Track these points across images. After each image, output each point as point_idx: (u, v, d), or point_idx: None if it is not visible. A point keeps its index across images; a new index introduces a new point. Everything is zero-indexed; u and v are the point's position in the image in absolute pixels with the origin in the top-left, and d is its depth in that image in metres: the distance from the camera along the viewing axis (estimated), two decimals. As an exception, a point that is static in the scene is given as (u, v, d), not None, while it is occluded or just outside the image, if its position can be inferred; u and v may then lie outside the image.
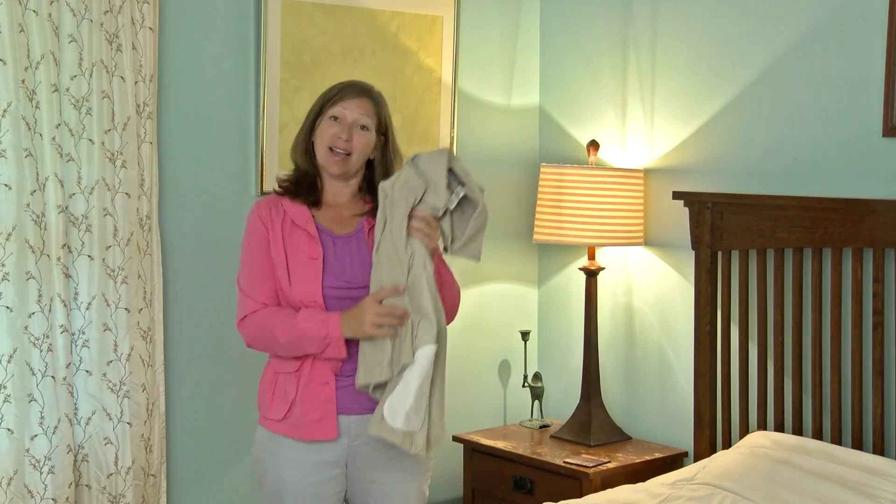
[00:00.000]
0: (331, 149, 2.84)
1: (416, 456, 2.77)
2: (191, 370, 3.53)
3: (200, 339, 3.55)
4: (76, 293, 3.20)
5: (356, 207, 2.93)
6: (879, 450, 3.26)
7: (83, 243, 3.20)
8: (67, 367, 3.16)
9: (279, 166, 3.63)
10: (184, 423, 3.52)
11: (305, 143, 2.90)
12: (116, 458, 3.26)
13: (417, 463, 2.89)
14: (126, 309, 3.26)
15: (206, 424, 3.59)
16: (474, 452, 3.98)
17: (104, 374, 3.24)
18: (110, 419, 3.25)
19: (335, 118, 2.84)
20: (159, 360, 3.38)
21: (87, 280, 3.21)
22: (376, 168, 2.93)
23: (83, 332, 3.21)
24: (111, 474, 3.26)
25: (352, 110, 2.84)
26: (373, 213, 2.87)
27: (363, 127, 2.85)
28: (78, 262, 3.20)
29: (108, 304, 3.24)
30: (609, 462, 3.69)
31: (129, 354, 3.27)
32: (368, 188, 2.94)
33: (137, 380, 3.29)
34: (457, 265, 4.12)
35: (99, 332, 3.22)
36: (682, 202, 3.70)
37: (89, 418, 3.23)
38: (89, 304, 3.21)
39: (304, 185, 2.91)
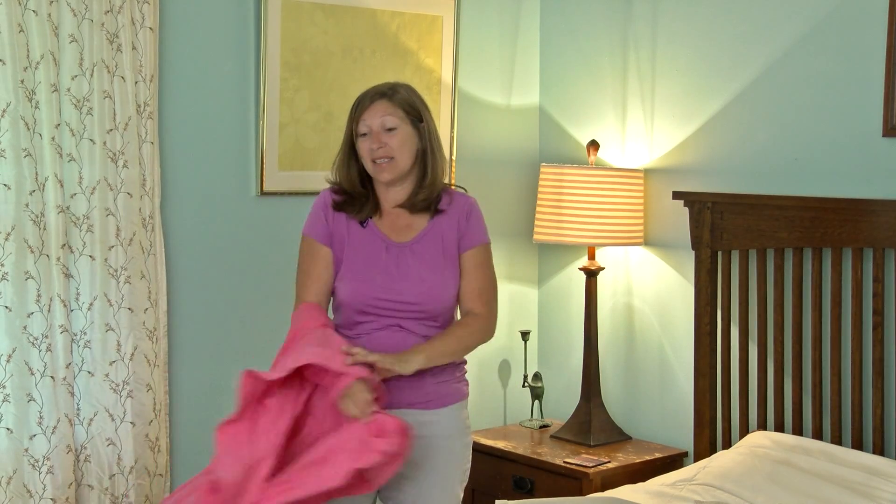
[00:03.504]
0: (374, 161, 2.84)
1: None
2: (195, 369, 3.53)
3: (205, 338, 3.55)
4: (77, 293, 3.20)
5: (415, 208, 2.90)
6: (879, 450, 3.26)
7: (84, 243, 3.20)
8: (67, 367, 3.16)
9: (279, 166, 3.63)
10: (188, 422, 3.52)
11: (347, 168, 2.90)
12: (119, 458, 3.26)
13: (453, 463, 2.92)
14: (129, 309, 3.26)
15: (210, 424, 3.55)
16: (474, 452, 3.95)
17: (106, 375, 3.23)
18: (112, 420, 3.25)
19: (364, 134, 2.85)
20: (163, 360, 3.38)
21: (88, 280, 3.21)
22: (425, 158, 2.90)
23: (84, 333, 3.21)
24: (114, 475, 3.26)
25: (372, 118, 2.83)
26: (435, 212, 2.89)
27: (390, 129, 2.84)
28: (79, 262, 3.20)
29: (110, 305, 3.23)
30: (609, 462, 3.69)
31: (133, 354, 3.27)
32: (424, 185, 2.89)
33: (142, 380, 3.29)
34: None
35: (101, 332, 3.22)
36: (682, 202, 3.70)
37: (91, 419, 3.22)
38: (91, 304, 3.21)
39: (358, 202, 2.90)
